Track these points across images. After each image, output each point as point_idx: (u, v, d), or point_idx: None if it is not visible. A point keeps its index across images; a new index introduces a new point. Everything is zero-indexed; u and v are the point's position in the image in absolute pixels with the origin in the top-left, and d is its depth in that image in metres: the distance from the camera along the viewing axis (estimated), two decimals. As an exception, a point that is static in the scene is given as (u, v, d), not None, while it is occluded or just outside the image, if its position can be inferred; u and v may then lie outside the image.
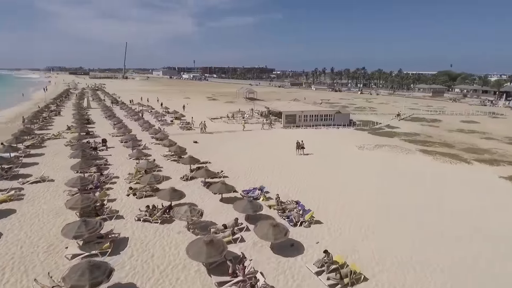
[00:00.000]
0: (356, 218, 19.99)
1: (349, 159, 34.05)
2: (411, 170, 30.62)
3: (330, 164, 31.83)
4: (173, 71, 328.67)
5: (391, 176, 28.35)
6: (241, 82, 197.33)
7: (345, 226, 19.09)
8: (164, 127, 48.58)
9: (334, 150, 37.70)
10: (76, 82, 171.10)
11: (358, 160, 33.48)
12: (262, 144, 39.77)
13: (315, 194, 23.56)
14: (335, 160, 33.54)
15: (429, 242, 17.52)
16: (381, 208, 21.52)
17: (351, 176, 28.15)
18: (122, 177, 25.97)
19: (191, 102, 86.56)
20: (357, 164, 31.91)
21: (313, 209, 20.57)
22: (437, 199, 23.49)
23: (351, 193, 24.04)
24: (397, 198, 23.37)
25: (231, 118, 57.94)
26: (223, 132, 46.49)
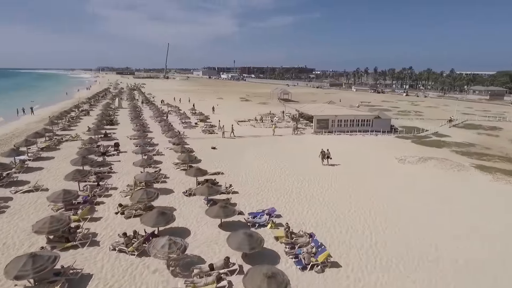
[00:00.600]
0: (389, 266, 15.34)
1: (386, 175, 28.77)
2: (465, 194, 24.84)
3: (361, 181, 26.86)
4: (212, 71, 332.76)
5: (438, 204, 22.91)
6: (277, 83, 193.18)
7: (371, 276, 14.57)
8: (186, 130, 46.28)
9: (369, 162, 32.49)
10: (119, 81, 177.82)
11: (396, 178, 28.12)
12: (286, 152, 35.61)
13: (336, 225, 19.11)
14: (368, 175, 28.46)
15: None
16: (425, 256, 16.58)
17: (386, 200, 23.09)
18: (121, 188, 23.43)
19: (223, 103, 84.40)
20: (395, 183, 26.63)
21: (331, 246, 16.28)
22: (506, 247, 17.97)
23: (383, 227, 19.18)
24: (449, 243, 18.11)
25: (259, 121, 54.33)
26: (247, 137, 42.95)
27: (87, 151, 27.99)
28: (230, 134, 42.36)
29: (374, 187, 25.61)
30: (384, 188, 25.47)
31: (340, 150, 36.91)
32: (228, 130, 43.78)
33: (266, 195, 23.37)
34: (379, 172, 29.48)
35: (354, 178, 27.56)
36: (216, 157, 32.65)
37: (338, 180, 27.02)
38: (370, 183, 26.43)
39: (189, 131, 45.68)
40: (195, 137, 41.85)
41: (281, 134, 45.07)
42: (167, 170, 27.95)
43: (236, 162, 31.20)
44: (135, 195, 19.08)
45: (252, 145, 38.65)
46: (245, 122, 54.35)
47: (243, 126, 50.84)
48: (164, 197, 22.07)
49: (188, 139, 40.24)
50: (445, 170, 30.35)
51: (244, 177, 27.16)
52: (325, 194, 23.94)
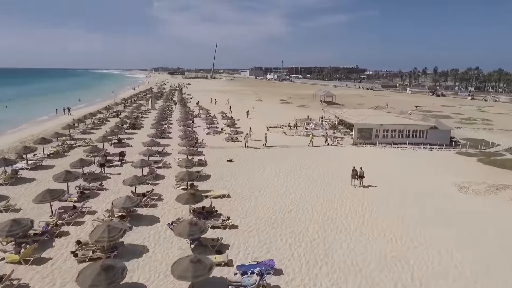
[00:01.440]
0: None
1: (440, 210, 21.71)
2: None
3: (403, 219, 20.30)
4: (259, 72, 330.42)
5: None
6: (324, 83, 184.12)
7: None
8: (209, 136, 42.36)
9: (417, 188, 25.43)
10: (166, 81, 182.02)
11: (456, 217, 20.98)
12: (315, 169, 29.77)
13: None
14: (415, 209, 21.67)
15: None
16: None
17: (440, 255, 16.53)
18: (100, 213, 19.73)
19: (261, 106, 79.87)
20: (454, 227, 19.65)
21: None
22: None
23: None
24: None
25: (292, 128, 48.72)
26: (274, 147, 37.66)
27: (79, 163, 24.88)
28: (262, 144, 37.56)
29: (417, 227, 18.93)
30: (435, 229, 18.71)
31: (382, 168, 30.28)
32: (255, 138, 39.33)
33: (272, 234, 18.05)
34: (430, 202, 22.45)
35: (393, 209, 21.05)
36: (229, 173, 27.98)
37: (374, 215, 20.70)
38: (414, 219, 19.75)
39: (212, 138, 41.64)
40: (216, 145, 37.62)
41: (319, 144, 38.99)
42: (165, 189, 23.88)
43: (251, 181, 26.22)
44: (95, 232, 14.98)
45: (276, 157, 33.33)
46: (277, 128, 49.10)
47: (273, 133, 45.67)
48: (143, 230, 17.87)
49: (206, 148, 36.16)
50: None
51: (253, 203, 22.10)
52: (351, 237, 17.94)
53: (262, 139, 38.95)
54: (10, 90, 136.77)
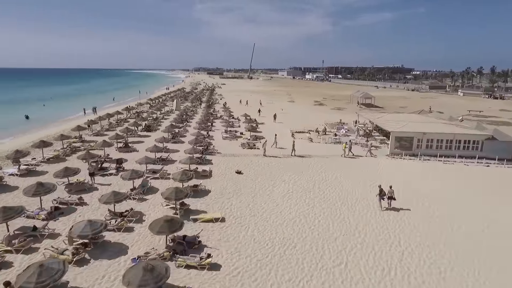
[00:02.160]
0: None
1: (502, 257, 15.93)
2: None
3: (453, 276, 14.88)
4: (297, 72, 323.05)
5: None
6: (365, 84, 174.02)
7: None
8: (225, 141, 38.67)
9: (469, 218, 19.57)
10: (203, 81, 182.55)
11: (525, 267, 15.14)
12: (335, 186, 24.74)
13: None
14: (464, 250, 16.09)
15: None
16: None
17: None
18: (64, 237, 16.58)
19: (291, 108, 75.05)
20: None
21: None
22: None
23: None
24: None
25: (321, 134, 43.56)
26: (294, 157, 33.00)
27: (64, 172, 22.21)
28: (291, 153, 33.25)
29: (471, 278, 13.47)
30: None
31: (423, 187, 24.42)
32: (281, 145, 35.45)
33: (262, 281, 13.69)
34: (489, 242, 16.65)
35: (442, 264, 15.60)
36: (233, 188, 23.95)
37: (407, 262, 15.47)
38: (461, 267, 14.26)
39: (228, 143, 37.86)
40: (229, 152, 33.76)
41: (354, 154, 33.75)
42: (152, 207, 20.38)
43: (256, 200, 21.96)
44: (23, 275, 11.65)
45: (294, 169, 28.68)
46: (303, 133, 44.19)
47: (297, 139, 40.92)
48: (100, 267, 14.33)
49: (217, 156, 32.44)
50: None
51: (250, 231, 17.86)
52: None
53: (289, 147, 34.52)
54: (57, 88, 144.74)
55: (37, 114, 62.58)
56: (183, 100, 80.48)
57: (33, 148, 29.32)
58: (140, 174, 22.81)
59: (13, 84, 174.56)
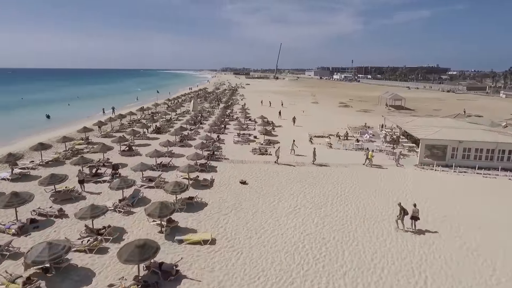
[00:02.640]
0: None
1: None
2: None
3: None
4: (325, 72, 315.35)
5: None
6: (396, 84, 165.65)
7: None
8: (236, 146, 36.11)
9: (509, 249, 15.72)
10: (228, 81, 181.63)
11: None
12: (351, 202, 21.38)
13: None
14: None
15: None
16: None
17: None
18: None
19: (315, 109, 71.51)
20: None
21: None
22: None
23: None
24: None
25: (341, 139, 39.96)
26: (310, 166, 29.80)
27: (49, 179, 20.48)
28: (312, 161, 30.16)
29: None
30: None
31: (458, 206, 20.57)
32: (299, 152, 32.33)
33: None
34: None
35: None
36: (233, 201, 21.30)
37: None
38: None
39: (239, 148, 35.25)
40: (238, 158, 31.14)
41: (379, 164, 30.12)
42: (136, 223, 18.12)
43: (256, 217, 19.16)
44: None
45: (307, 180, 25.57)
46: (323, 138, 40.75)
47: (315, 144, 37.66)
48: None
49: (224, 162, 29.92)
50: None
51: (242, 258, 15.11)
52: None
53: (307, 154, 31.49)
54: (88, 88, 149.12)
55: (59, 114, 63.25)
56: (202, 101, 78.97)
57: (31, 151, 28.18)
58: (130, 183, 20.66)
59: (52, 83, 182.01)
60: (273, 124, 47.87)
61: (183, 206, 19.70)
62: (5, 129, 46.66)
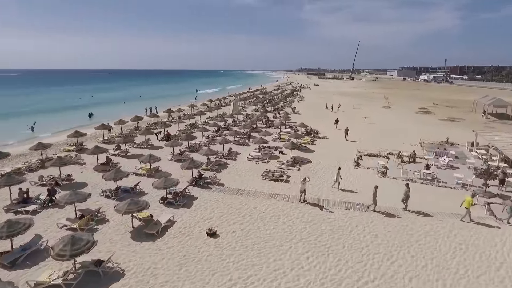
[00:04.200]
0: None
1: None
2: None
3: None
4: (410, 72, 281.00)
5: None
6: (500, 87, 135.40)
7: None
8: (250, 164, 27.24)
9: None
10: (296, 82, 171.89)
11: None
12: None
13: None
14: None
15: None
16: None
17: None
18: None
19: (384, 115, 58.29)
20: None
21: None
22: None
23: None
24: None
25: (406, 160, 28.10)
26: (339, 204, 19.49)
27: None
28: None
29: None
30: None
31: None
32: (344, 185, 22.49)
33: None
34: None
35: None
36: (169, 277, 12.69)
37: None
38: None
39: (249, 167, 26.24)
40: (237, 186, 22.19)
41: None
42: None
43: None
44: None
45: (315, 240, 15.55)
46: (379, 158, 29.37)
47: (363, 168, 26.70)
48: None
49: (211, 191, 21.34)
50: None
51: None
52: None
53: (357, 187, 21.52)
54: (152, 87, 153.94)
55: (110, 112, 61.68)
56: (253, 102, 71.28)
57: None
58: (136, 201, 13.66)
59: (123, 83, 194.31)
60: (315, 134, 37.58)
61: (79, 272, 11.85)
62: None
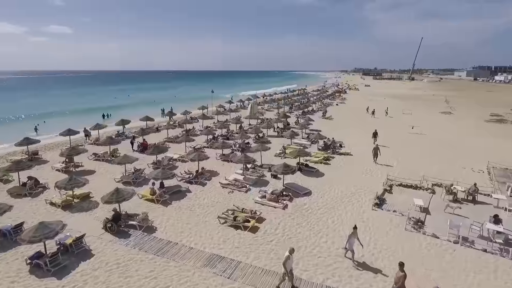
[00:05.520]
0: None
1: None
2: None
3: None
4: (483, 72, 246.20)
5: None
6: None
7: None
8: (227, 191, 19.41)
9: None
10: (347, 82, 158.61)
11: None
12: None
13: None
14: None
15: None
16: None
17: None
18: None
19: (439, 123, 46.39)
20: None
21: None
22: None
23: None
24: None
25: (457, 200, 18.10)
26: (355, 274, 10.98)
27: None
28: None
29: None
30: None
31: None
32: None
33: None
34: None
35: None
36: None
37: None
38: None
39: (217, 200, 18.44)
40: (179, 239, 14.63)
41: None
42: None
43: None
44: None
45: None
46: (419, 189, 19.81)
47: (386, 211, 17.39)
48: None
49: (125, 245, 13.98)
50: None
51: None
52: None
53: (376, 257, 13.14)
54: (198, 89, 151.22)
55: (127, 113, 58.02)
56: (281, 104, 62.74)
57: None
58: None
59: (175, 83, 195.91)
60: (335, 149, 28.43)
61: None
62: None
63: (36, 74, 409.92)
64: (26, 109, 64.60)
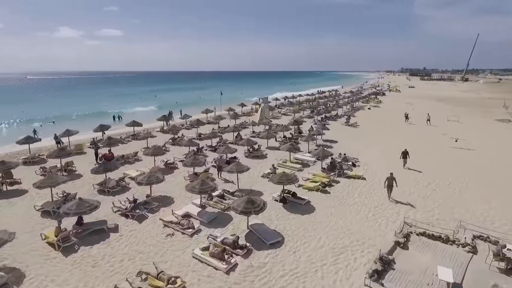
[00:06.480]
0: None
1: None
2: None
3: None
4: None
5: None
6: None
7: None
8: (170, 231, 14.20)
9: None
10: (389, 83, 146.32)
11: None
12: None
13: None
14: None
15: None
16: None
17: None
18: None
19: (496, 135, 37.66)
20: None
21: None
22: None
23: None
24: None
25: (507, 263, 11.18)
26: None
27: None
28: None
29: None
30: None
31: None
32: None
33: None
34: None
35: None
36: None
37: None
38: None
39: (143, 249, 13.25)
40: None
41: None
42: None
43: None
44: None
45: None
46: (448, 243, 13.14)
47: (394, 283, 10.98)
48: None
49: None
50: None
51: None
52: None
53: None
54: (228, 89, 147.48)
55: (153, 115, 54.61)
56: (296, 107, 56.02)
57: None
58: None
59: (208, 84, 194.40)
60: (343, 169, 21.89)
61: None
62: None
63: (93, 74, 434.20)
64: (49, 109, 64.34)
